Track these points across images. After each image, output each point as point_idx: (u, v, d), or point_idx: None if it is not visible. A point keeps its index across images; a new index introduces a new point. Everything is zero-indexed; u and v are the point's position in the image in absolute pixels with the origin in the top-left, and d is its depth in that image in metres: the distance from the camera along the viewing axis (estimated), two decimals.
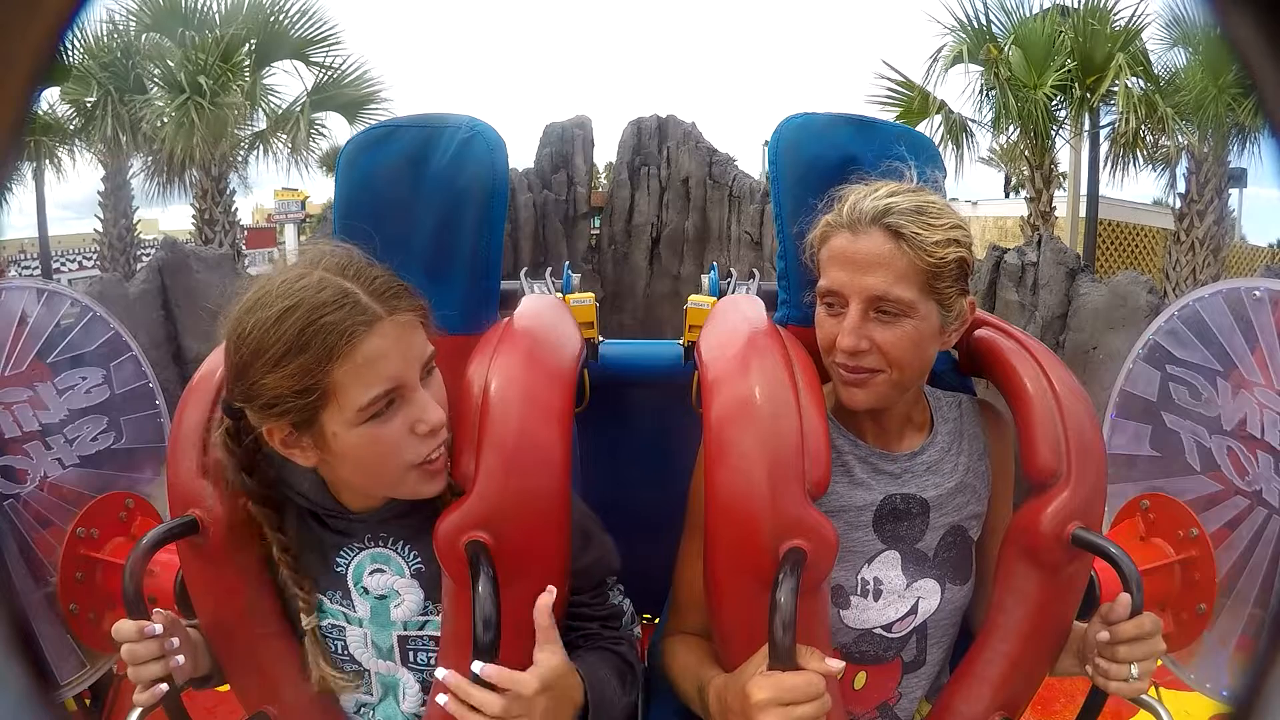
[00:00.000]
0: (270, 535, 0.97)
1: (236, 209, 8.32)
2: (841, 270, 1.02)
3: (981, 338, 1.15)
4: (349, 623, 1.02)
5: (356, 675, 1.04)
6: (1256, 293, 1.43)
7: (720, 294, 1.47)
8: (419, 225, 1.15)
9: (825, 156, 1.17)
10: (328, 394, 0.85)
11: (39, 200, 8.68)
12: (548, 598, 0.91)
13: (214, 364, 1.06)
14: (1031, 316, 5.95)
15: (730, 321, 1.15)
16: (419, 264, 1.15)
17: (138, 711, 0.99)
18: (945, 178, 1.20)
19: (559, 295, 1.48)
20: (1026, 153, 7.82)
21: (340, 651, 1.03)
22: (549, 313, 1.20)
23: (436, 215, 1.15)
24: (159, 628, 0.92)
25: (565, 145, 8.20)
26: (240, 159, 8.29)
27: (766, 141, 1.29)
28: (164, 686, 0.93)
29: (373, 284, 0.88)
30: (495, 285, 1.21)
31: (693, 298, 1.50)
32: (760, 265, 7.43)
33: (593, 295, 1.51)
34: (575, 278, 1.59)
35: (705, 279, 1.58)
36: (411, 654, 1.02)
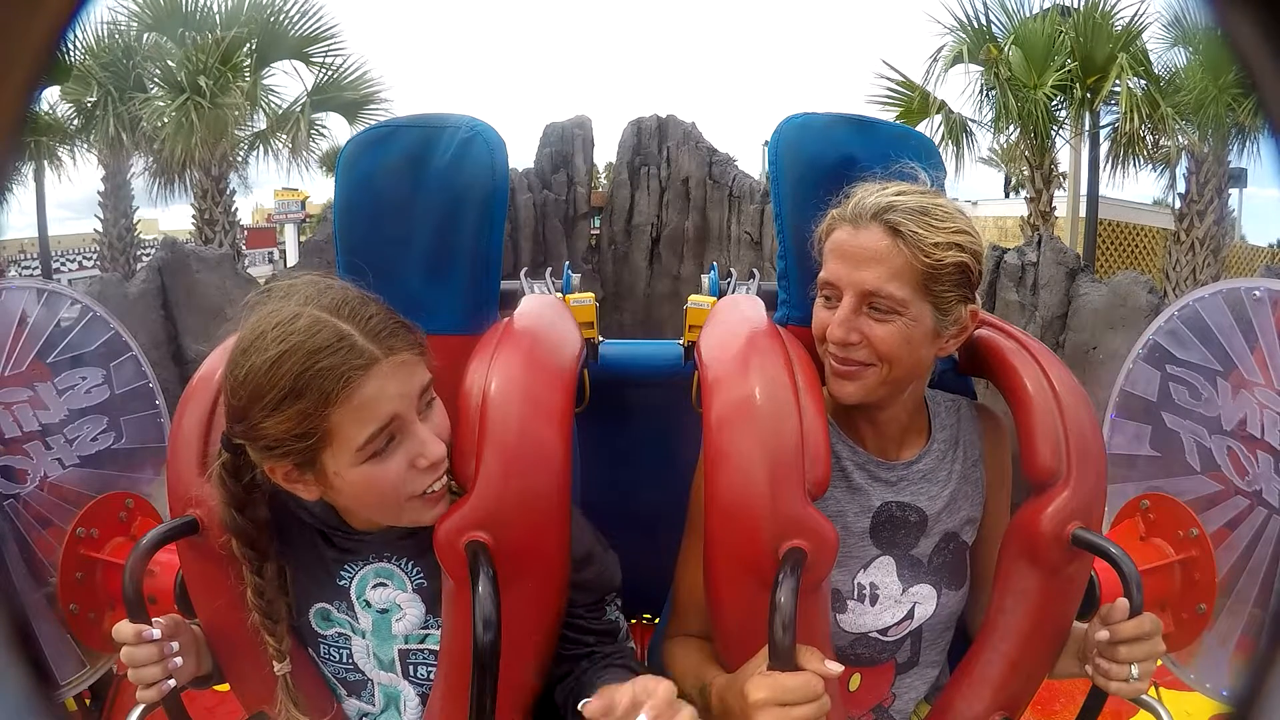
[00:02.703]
0: (248, 578, 0.96)
1: (236, 209, 8.31)
2: (838, 263, 1.02)
3: (981, 337, 1.15)
4: (354, 633, 1.03)
5: (359, 685, 1.04)
6: (1256, 293, 1.43)
7: (720, 294, 1.47)
8: (419, 225, 1.15)
9: (825, 156, 1.17)
10: (326, 437, 0.85)
11: (39, 200, 8.68)
12: None
13: (214, 365, 1.06)
14: (1032, 316, 5.94)
15: (730, 321, 1.15)
16: (419, 264, 1.15)
17: (138, 710, 0.99)
18: (945, 178, 1.20)
19: (559, 295, 1.47)
20: (1026, 153, 7.81)
21: (345, 660, 1.04)
22: (549, 313, 1.20)
23: (436, 215, 1.15)
24: (157, 632, 0.92)
25: (565, 145, 8.17)
26: (240, 159, 8.29)
27: (766, 141, 1.29)
28: (171, 682, 0.93)
29: (368, 324, 0.87)
30: (495, 285, 1.21)
31: (693, 298, 1.50)
32: (760, 265, 7.42)
33: (593, 295, 1.51)
34: (575, 278, 1.59)
35: (705, 279, 1.58)
36: (412, 668, 1.03)
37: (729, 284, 1.54)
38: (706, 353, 1.09)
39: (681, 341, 1.50)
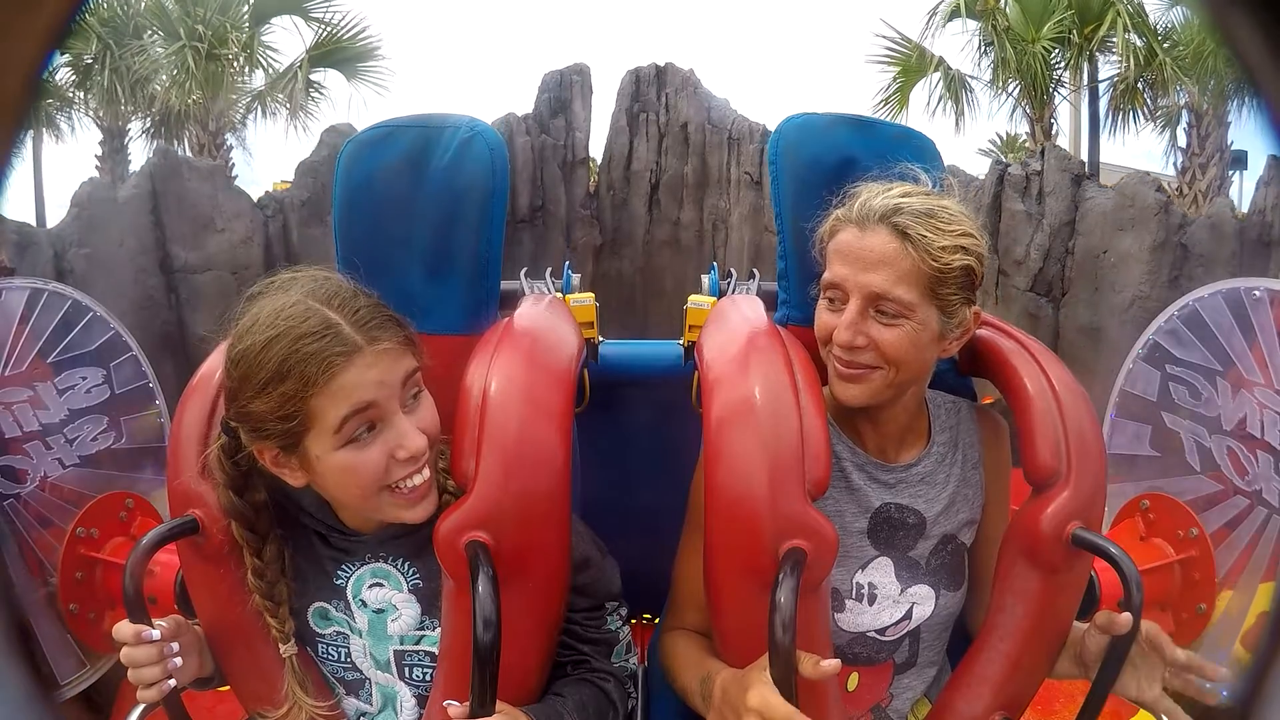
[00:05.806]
0: (248, 560, 0.98)
1: (233, 164, 8.24)
2: (845, 265, 1.01)
3: (982, 338, 1.15)
4: (351, 632, 1.03)
5: (357, 684, 1.04)
6: (1256, 293, 1.43)
7: (720, 294, 1.47)
8: (419, 225, 1.15)
9: (826, 157, 1.17)
10: (308, 420, 0.87)
11: (37, 183, 8.64)
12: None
13: (214, 364, 1.06)
14: (1039, 225, 5.77)
15: (730, 321, 1.15)
16: (419, 264, 1.15)
17: (138, 710, 0.99)
18: (945, 177, 1.20)
19: (559, 295, 1.48)
20: (1025, 107, 7.75)
21: (344, 659, 1.04)
22: (549, 313, 1.20)
23: (437, 215, 1.15)
24: (156, 633, 0.92)
25: (564, 91, 8.09)
26: (239, 119, 8.26)
27: (768, 136, 1.29)
28: (171, 682, 0.93)
29: (356, 314, 0.90)
30: (495, 285, 1.21)
31: (693, 298, 1.50)
32: (760, 205, 7.40)
33: (593, 295, 1.51)
34: (575, 278, 1.59)
35: (705, 279, 1.58)
36: (408, 669, 1.03)
37: (729, 284, 1.55)
38: (707, 353, 1.09)
39: (681, 341, 1.50)
